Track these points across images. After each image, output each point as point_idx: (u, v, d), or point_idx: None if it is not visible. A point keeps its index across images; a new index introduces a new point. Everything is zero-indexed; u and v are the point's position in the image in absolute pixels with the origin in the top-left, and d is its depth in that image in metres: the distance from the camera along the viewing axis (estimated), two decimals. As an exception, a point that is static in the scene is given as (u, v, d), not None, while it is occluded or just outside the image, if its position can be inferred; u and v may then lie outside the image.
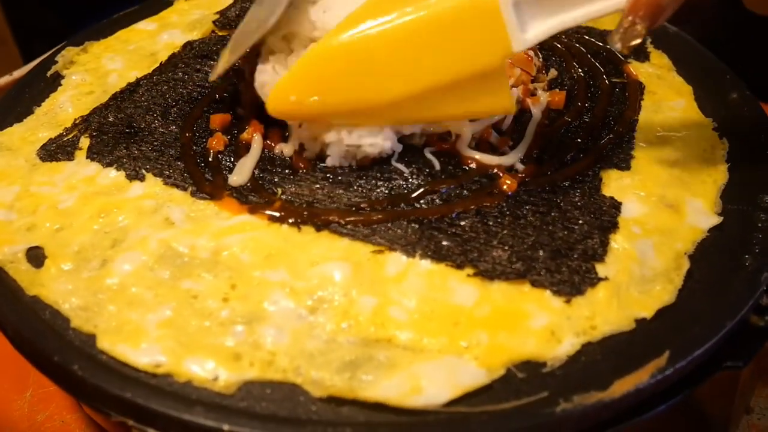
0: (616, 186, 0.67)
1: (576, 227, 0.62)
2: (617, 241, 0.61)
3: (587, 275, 0.58)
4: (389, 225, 0.62)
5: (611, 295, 0.57)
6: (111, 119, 0.76)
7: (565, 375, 0.52)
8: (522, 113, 0.76)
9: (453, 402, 0.50)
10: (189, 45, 0.89)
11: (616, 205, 0.65)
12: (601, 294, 0.57)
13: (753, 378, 0.74)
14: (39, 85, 0.84)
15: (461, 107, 0.66)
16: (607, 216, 0.64)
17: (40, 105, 0.80)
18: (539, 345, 0.53)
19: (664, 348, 0.53)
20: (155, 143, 0.73)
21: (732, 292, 0.58)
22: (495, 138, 0.73)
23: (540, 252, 0.60)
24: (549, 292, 0.57)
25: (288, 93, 0.66)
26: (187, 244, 0.61)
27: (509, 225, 0.63)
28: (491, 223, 0.63)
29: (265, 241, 0.61)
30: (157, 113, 0.77)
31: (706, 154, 0.72)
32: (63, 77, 0.85)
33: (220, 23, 0.95)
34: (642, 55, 0.88)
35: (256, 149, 0.71)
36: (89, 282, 0.58)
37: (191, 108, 0.78)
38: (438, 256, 0.60)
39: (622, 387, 0.50)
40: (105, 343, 0.54)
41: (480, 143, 0.72)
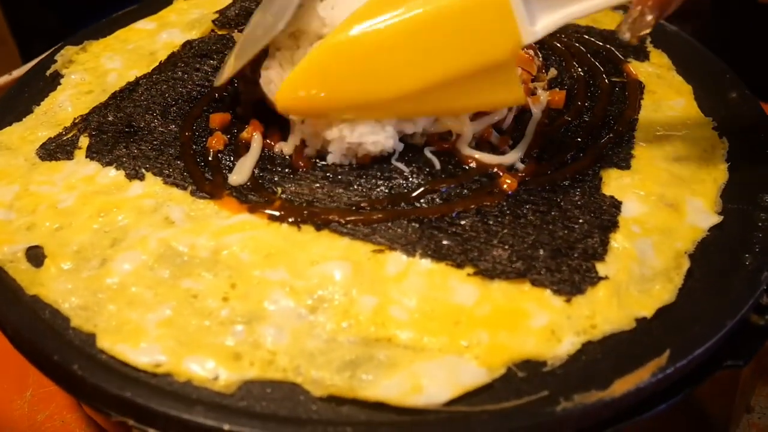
0: (616, 185, 0.67)
1: (576, 226, 0.62)
2: (617, 240, 0.61)
3: (587, 274, 0.58)
4: (389, 224, 0.62)
5: (611, 294, 0.57)
6: (110, 118, 0.76)
7: (566, 374, 0.52)
8: (522, 112, 0.76)
9: (453, 401, 0.50)
10: (188, 44, 0.89)
11: (616, 204, 0.65)
12: (602, 293, 0.57)
13: (753, 377, 0.74)
14: (38, 85, 0.83)
15: (472, 100, 0.66)
16: (607, 215, 0.64)
17: (39, 104, 0.80)
18: (540, 344, 0.53)
19: (664, 347, 0.53)
20: (155, 142, 0.73)
21: (732, 291, 0.58)
22: (495, 137, 0.73)
23: (540, 251, 0.60)
24: (549, 291, 0.57)
25: (297, 88, 0.65)
26: (187, 243, 0.61)
27: (509, 224, 0.63)
28: (491, 223, 0.63)
29: (265, 241, 0.61)
30: (157, 112, 0.77)
31: (706, 153, 0.72)
32: (62, 76, 0.84)
33: (219, 22, 0.94)
34: (642, 55, 0.88)
35: (255, 148, 0.71)
36: (89, 281, 0.58)
37: (191, 107, 0.78)
38: (438, 255, 0.60)
39: (622, 386, 0.50)
40: (105, 343, 0.54)
41: (480, 142, 0.72)
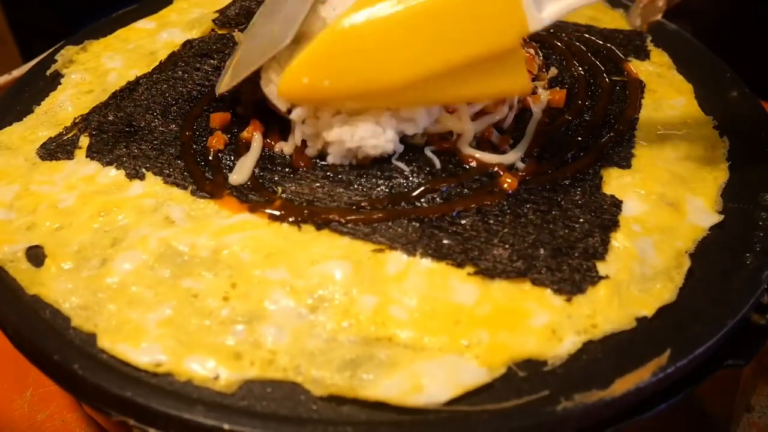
0: (616, 184, 0.67)
1: (577, 225, 0.62)
2: (618, 240, 0.61)
3: (588, 274, 0.58)
4: (390, 224, 0.62)
5: (612, 294, 0.57)
6: (111, 118, 0.76)
7: (566, 373, 0.52)
8: (523, 112, 0.76)
9: (454, 401, 0.50)
10: (188, 44, 0.89)
11: (616, 204, 0.65)
12: (602, 292, 0.57)
13: (754, 376, 0.74)
14: (38, 84, 0.83)
15: (477, 88, 0.65)
16: (608, 214, 0.64)
17: (39, 104, 0.80)
18: (540, 343, 0.53)
19: (665, 346, 0.53)
20: (155, 142, 0.73)
21: (733, 290, 0.58)
22: (496, 137, 0.73)
23: (541, 250, 0.60)
24: (550, 290, 0.57)
25: (301, 76, 0.64)
26: (188, 242, 0.61)
27: (510, 223, 0.63)
28: (492, 222, 0.63)
29: (266, 240, 0.61)
30: (157, 112, 0.77)
31: (706, 152, 0.72)
32: (62, 76, 0.84)
33: (219, 22, 0.94)
34: (642, 54, 0.88)
35: (256, 148, 0.71)
36: (89, 281, 0.58)
37: (191, 107, 0.78)
38: (439, 254, 0.60)
39: (623, 385, 0.50)
40: (105, 342, 0.54)
41: (480, 142, 0.72)
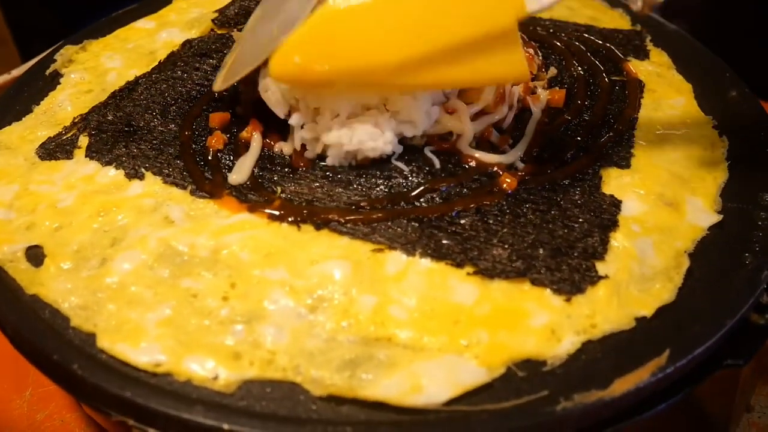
0: (616, 184, 0.67)
1: (576, 225, 0.62)
2: (617, 240, 0.61)
3: (587, 273, 0.58)
4: (389, 223, 0.62)
5: (611, 294, 0.57)
6: (110, 118, 0.76)
7: (566, 374, 0.52)
8: (522, 111, 0.76)
9: (453, 401, 0.50)
10: (188, 43, 0.89)
11: (616, 204, 0.65)
12: (602, 292, 0.57)
13: (753, 376, 0.74)
14: (38, 84, 0.83)
15: (473, 72, 0.64)
16: (607, 214, 0.64)
17: (39, 104, 0.80)
18: (539, 343, 0.53)
19: (664, 346, 0.53)
20: (154, 142, 0.73)
21: (732, 290, 0.58)
22: (495, 136, 0.73)
23: (540, 250, 0.60)
24: (549, 290, 0.57)
25: (292, 54, 0.62)
26: (187, 242, 0.61)
27: (509, 223, 0.63)
28: (491, 222, 0.63)
29: (265, 240, 0.61)
30: (156, 112, 0.77)
31: (706, 152, 0.72)
32: (62, 76, 0.84)
33: (218, 21, 0.94)
34: (642, 53, 0.88)
35: (255, 148, 0.71)
36: (89, 281, 0.58)
37: (190, 106, 0.78)
38: (438, 254, 0.60)
39: (622, 385, 0.50)
40: (105, 342, 0.54)
41: (480, 142, 0.72)
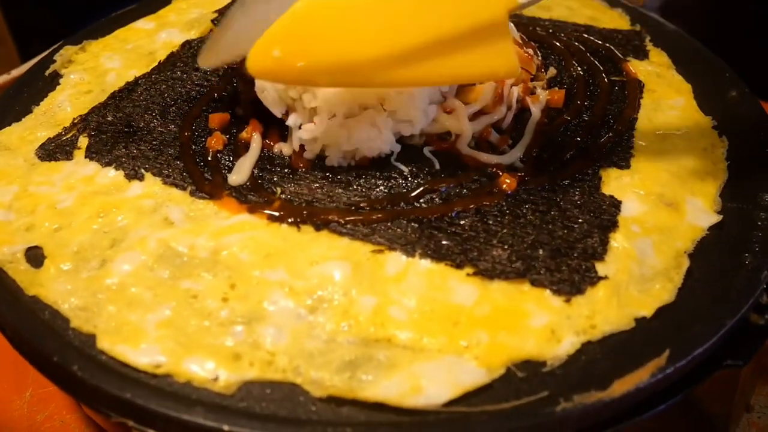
0: (615, 184, 0.67)
1: (576, 226, 0.62)
2: (617, 240, 0.61)
3: (587, 274, 0.58)
4: (389, 224, 0.62)
5: (611, 294, 0.57)
6: (109, 118, 0.76)
7: (565, 374, 0.52)
8: (521, 112, 0.76)
9: (453, 402, 0.50)
10: (187, 44, 0.89)
11: (615, 204, 0.65)
12: (601, 293, 0.57)
13: (753, 376, 0.74)
14: (37, 85, 0.83)
15: (462, 67, 0.61)
16: (607, 215, 0.64)
17: (38, 104, 0.80)
18: (539, 344, 0.53)
19: (664, 347, 0.53)
20: (154, 142, 0.72)
21: (732, 290, 0.58)
22: (494, 137, 0.73)
23: (540, 251, 0.60)
24: (549, 291, 0.57)
25: (271, 47, 0.58)
26: (187, 243, 0.61)
27: (509, 224, 0.63)
28: (491, 222, 0.63)
29: (265, 241, 0.61)
30: (156, 112, 0.77)
31: (705, 152, 0.72)
32: (61, 76, 0.84)
33: (218, 22, 0.94)
34: (641, 53, 0.88)
35: (255, 148, 0.71)
36: (88, 282, 0.58)
37: (190, 107, 0.78)
38: (438, 255, 0.60)
39: (622, 386, 0.50)
40: (105, 344, 0.54)
41: (479, 142, 0.72)
